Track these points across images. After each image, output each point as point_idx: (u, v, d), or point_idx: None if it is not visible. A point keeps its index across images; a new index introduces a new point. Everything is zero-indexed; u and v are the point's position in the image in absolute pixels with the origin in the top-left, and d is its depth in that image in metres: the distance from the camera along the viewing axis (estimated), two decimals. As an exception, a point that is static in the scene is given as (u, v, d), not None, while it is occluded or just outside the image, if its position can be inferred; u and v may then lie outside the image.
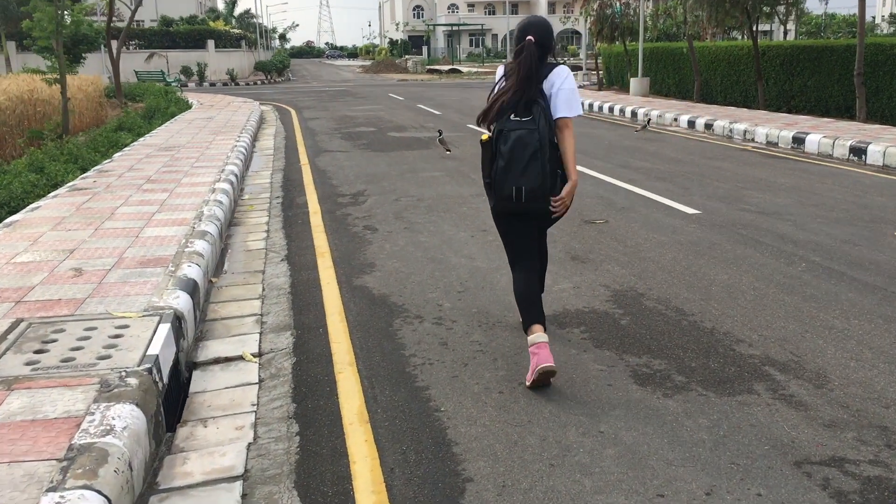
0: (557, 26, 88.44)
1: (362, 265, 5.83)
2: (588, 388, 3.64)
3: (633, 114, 17.97)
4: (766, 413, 3.35)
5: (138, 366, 3.43)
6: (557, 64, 3.85)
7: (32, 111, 14.10)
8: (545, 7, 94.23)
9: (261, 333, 4.53)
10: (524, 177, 3.61)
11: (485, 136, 3.76)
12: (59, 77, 12.25)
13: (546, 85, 3.75)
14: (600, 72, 29.18)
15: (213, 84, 40.55)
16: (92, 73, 31.87)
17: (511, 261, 4.02)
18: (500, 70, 3.91)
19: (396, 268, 5.73)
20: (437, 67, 54.59)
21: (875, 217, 7.10)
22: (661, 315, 4.58)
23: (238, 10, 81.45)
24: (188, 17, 54.28)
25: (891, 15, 72.96)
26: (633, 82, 23.25)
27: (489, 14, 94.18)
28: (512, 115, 3.67)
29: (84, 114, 17.99)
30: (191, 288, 4.67)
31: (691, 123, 15.47)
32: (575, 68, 41.79)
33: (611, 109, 19.47)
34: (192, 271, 4.95)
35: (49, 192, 7.85)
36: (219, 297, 5.22)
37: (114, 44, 22.17)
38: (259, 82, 43.29)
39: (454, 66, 55.19)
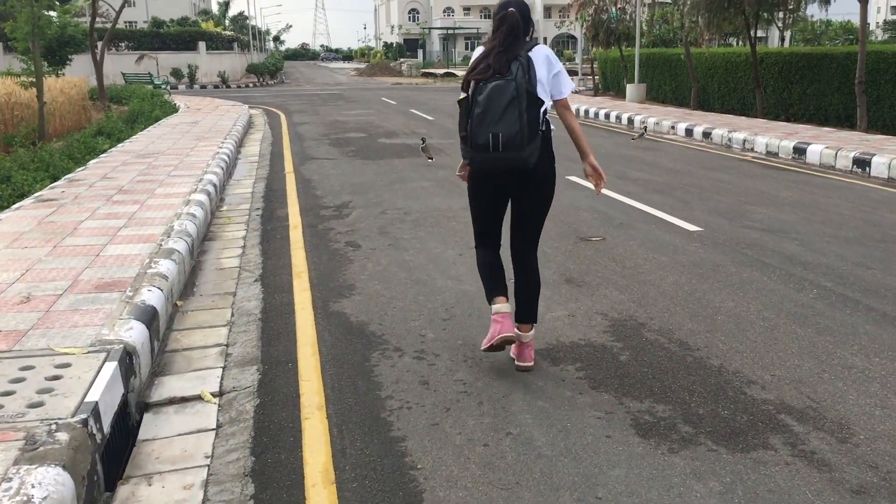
0: (553, 31, 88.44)
1: (341, 287, 5.42)
2: (584, 440, 3.24)
3: (630, 121, 17.61)
4: (785, 475, 2.95)
5: (73, 416, 3.01)
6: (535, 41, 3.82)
7: (10, 116, 13.66)
8: (541, 11, 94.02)
9: (224, 368, 4.12)
10: (501, 123, 3.55)
11: (462, 95, 3.70)
12: (34, 80, 11.79)
13: (538, 56, 3.72)
14: (596, 77, 28.86)
15: (203, 86, 40.08)
16: (80, 74, 31.34)
17: (478, 234, 4.09)
18: (479, 49, 3.85)
19: (377, 291, 5.32)
20: (431, 71, 54.24)
21: (887, 236, 6.72)
22: (663, 349, 4.18)
23: (232, 12, 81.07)
24: (179, 19, 53.80)
25: (885, 22, 72.93)
26: (630, 88, 22.90)
27: (485, 18, 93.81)
28: (494, 71, 3.63)
29: (66, 117, 17.54)
30: (148, 316, 4.25)
31: (689, 131, 15.11)
32: (571, 73, 41.46)
33: (607, 116, 19.11)
34: (151, 297, 4.53)
35: (13, 204, 7.42)
36: (183, 324, 4.81)
37: (99, 45, 21.68)
38: (251, 85, 42.86)
39: (449, 70, 54.83)
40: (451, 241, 6.68)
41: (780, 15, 19.74)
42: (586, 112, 20.32)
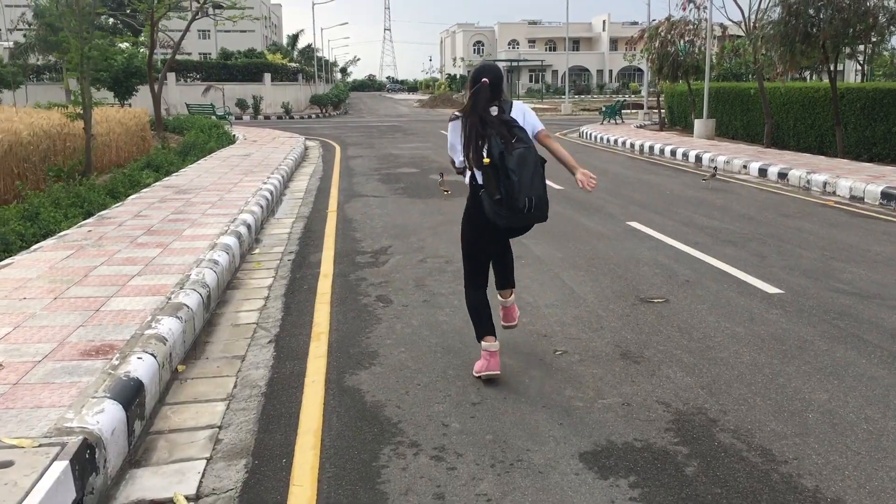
0: (619, 64, 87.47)
1: (361, 355, 4.76)
2: None
3: (698, 159, 16.66)
4: None
5: (-14, 546, 2.40)
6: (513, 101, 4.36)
7: (62, 146, 13.55)
8: (606, 43, 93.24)
9: (209, 460, 3.48)
10: (533, 188, 4.03)
11: (487, 160, 4.08)
12: (81, 112, 11.60)
13: (516, 113, 4.27)
14: (662, 111, 27.89)
15: (267, 117, 40.49)
16: (147, 105, 31.89)
17: (472, 274, 4.52)
18: (451, 125, 4.38)
19: (402, 360, 4.64)
20: (493, 103, 53.78)
21: None
22: (741, 460, 3.37)
23: (301, 45, 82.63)
24: (246, 51, 54.84)
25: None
26: (698, 124, 21.90)
27: (549, 50, 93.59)
28: (510, 139, 4.08)
29: (123, 148, 17.53)
30: (129, 394, 3.66)
31: (763, 172, 14.10)
32: (636, 106, 40.51)
33: (673, 153, 18.18)
34: (140, 367, 3.95)
35: (35, 244, 7.02)
36: (178, 395, 4.21)
37: (165, 76, 21.81)
38: (313, 116, 43.13)
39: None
40: (493, 299, 5.95)
41: (861, 48, 18.52)
42: (651, 148, 19.41)
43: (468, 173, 4.32)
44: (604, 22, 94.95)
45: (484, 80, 4.19)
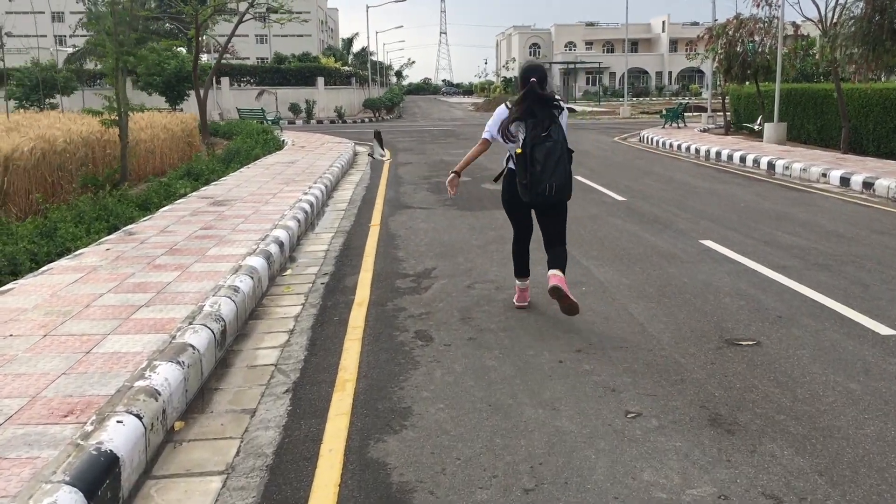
0: (679, 66, 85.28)
1: (392, 412, 3.97)
2: None
3: (771, 166, 15.47)
4: None
5: None
6: (563, 106, 5.34)
7: (101, 154, 13.16)
8: (666, 44, 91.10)
9: (187, 568, 2.73)
10: (554, 176, 5.04)
11: (518, 150, 5.11)
12: (117, 118, 11.12)
13: (564, 119, 5.27)
14: (727, 114, 26.53)
15: (320, 122, 40.23)
16: (196, 110, 31.83)
17: (515, 232, 5.71)
18: (502, 108, 5.37)
19: (440, 422, 3.83)
20: (549, 106, 52.66)
21: None
22: None
23: (356, 48, 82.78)
24: (300, 55, 54.82)
25: None
26: (768, 127, 20.59)
27: (607, 52, 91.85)
28: (541, 133, 5.07)
29: (167, 155, 17.18)
30: (95, 475, 2.95)
31: (845, 181, 12.89)
32: (698, 109, 39.01)
33: (742, 160, 16.99)
34: (118, 434, 3.24)
35: (46, 265, 6.44)
36: (169, 465, 3.49)
37: (218, 80, 21.50)
38: (366, 120, 42.74)
39: (569, 105, 53.11)
40: (549, 336, 5.12)
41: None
42: (717, 154, 18.23)
43: (510, 162, 5.43)
44: (663, 23, 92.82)
45: (532, 79, 5.18)
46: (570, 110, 50.83)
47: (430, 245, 8.18)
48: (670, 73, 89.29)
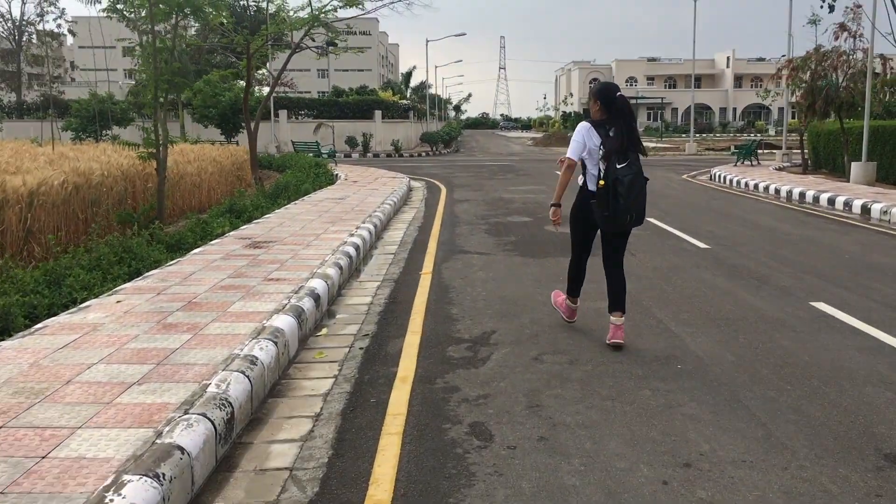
0: (744, 102, 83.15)
1: (437, 564, 2.85)
2: None
3: (865, 210, 13.97)
4: None
5: None
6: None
7: (142, 188, 12.49)
8: (731, 80, 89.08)
9: None
10: (635, 206, 5.14)
11: (602, 183, 5.13)
12: (154, 151, 10.38)
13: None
14: (805, 152, 24.91)
15: (376, 155, 39.74)
16: (258, 142, 31.56)
17: (577, 251, 5.74)
18: (586, 126, 5.31)
19: (504, 587, 2.70)
20: (610, 142, 51.29)
21: None
22: None
23: (415, 82, 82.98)
24: (358, 88, 54.76)
25: None
26: (856, 167, 19.01)
27: (669, 87, 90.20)
28: (617, 163, 5.10)
29: (215, 189, 16.54)
30: None
31: (959, 229, 11.37)
32: (767, 146, 37.25)
33: (831, 202, 15.49)
34: None
35: (43, 320, 5.54)
36: None
37: (275, 113, 20.97)
38: (423, 154, 42.11)
39: (629, 141, 51.65)
40: (643, 438, 3.94)
41: None
42: (801, 195, 16.76)
43: (581, 178, 5.44)
44: (727, 58, 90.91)
45: (619, 93, 5.24)
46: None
47: (488, 300, 7.08)
48: (734, 109, 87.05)
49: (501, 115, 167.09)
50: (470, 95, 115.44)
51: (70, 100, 29.98)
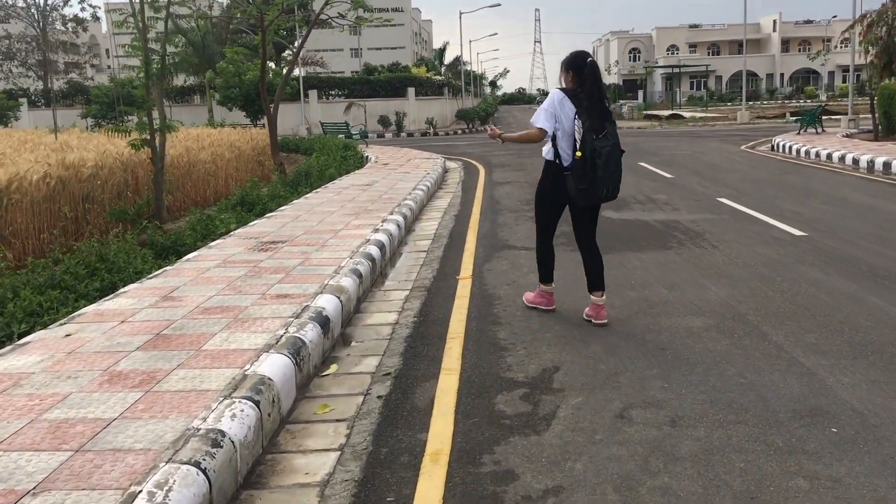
0: (792, 66, 79.70)
1: None
2: None
3: (971, 181, 12.07)
4: None
5: None
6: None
7: (146, 179, 11.16)
8: (777, 44, 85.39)
9: None
10: (611, 179, 4.94)
11: (579, 154, 4.87)
12: (148, 138, 9.01)
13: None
14: (876, 116, 22.74)
15: (410, 134, 38.21)
16: (287, 124, 30.36)
17: (545, 230, 5.45)
18: (559, 94, 5.00)
19: None
20: (655, 113, 49.17)
21: None
22: None
23: (449, 58, 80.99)
24: (390, 65, 53.13)
25: None
26: (943, 132, 16.97)
27: (713, 54, 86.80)
28: (594, 136, 4.83)
29: (233, 176, 15.20)
30: None
31: None
32: (826, 112, 34.87)
33: (925, 172, 13.58)
34: None
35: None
36: None
37: (306, 93, 19.56)
38: (459, 132, 40.45)
39: (675, 111, 49.45)
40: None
41: None
42: (885, 165, 14.81)
43: (548, 148, 5.14)
44: (774, 22, 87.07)
45: (590, 59, 5.05)
46: (677, 116, 46.86)
47: (544, 317, 5.56)
48: (781, 74, 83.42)
49: (538, 89, 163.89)
50: (507, 71, 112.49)
51: (93, 86, 28.93)
